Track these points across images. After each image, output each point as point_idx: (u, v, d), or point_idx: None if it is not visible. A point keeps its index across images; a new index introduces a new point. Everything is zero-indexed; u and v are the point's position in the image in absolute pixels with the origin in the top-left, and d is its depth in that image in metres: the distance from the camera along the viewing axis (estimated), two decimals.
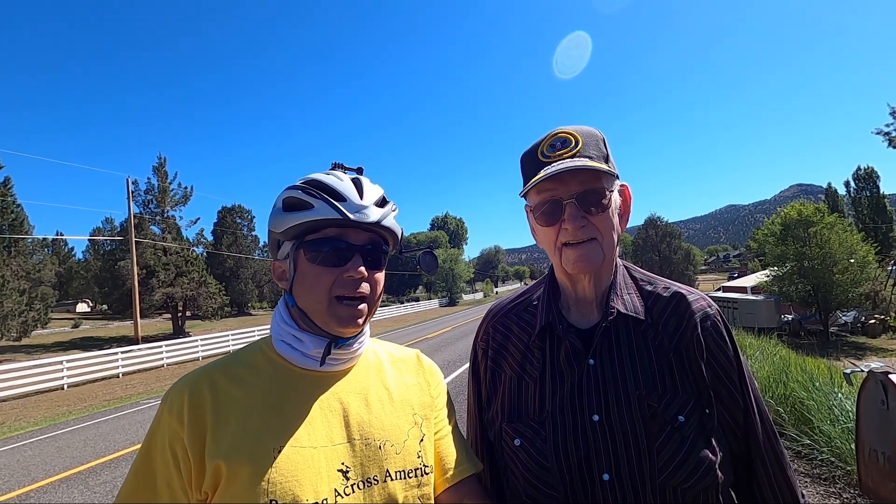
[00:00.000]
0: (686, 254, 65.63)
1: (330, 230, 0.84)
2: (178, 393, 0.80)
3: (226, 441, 0.76)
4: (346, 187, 0.85)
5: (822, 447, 3.97)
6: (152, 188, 32.30)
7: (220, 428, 0.77)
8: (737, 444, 0.92)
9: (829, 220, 24.21)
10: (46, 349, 27.58)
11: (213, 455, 0.75)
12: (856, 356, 17.96)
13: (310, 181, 0.86)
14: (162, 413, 0.80)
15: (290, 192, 0.86)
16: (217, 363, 0.87)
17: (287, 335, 0.87)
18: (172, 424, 0.78)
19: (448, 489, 0.93)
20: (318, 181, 0.86)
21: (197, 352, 20.30)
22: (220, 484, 0.74)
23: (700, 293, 0.99)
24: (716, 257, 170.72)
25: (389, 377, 0.97)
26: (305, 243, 0.84)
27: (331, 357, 0.87)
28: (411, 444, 0.90)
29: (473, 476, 0.96)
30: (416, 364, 1.04)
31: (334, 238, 0.84)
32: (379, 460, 0.84)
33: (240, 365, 0.87)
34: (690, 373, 0.90)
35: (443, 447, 0.96)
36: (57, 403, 12.62)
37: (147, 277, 29.61)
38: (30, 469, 6.71)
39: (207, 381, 0.82)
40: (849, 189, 56.69)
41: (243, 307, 53.91)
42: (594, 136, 0.95)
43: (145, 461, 0.79)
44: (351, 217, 0.81)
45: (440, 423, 0.98)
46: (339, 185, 0.85)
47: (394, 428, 0.89)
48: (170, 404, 0.80)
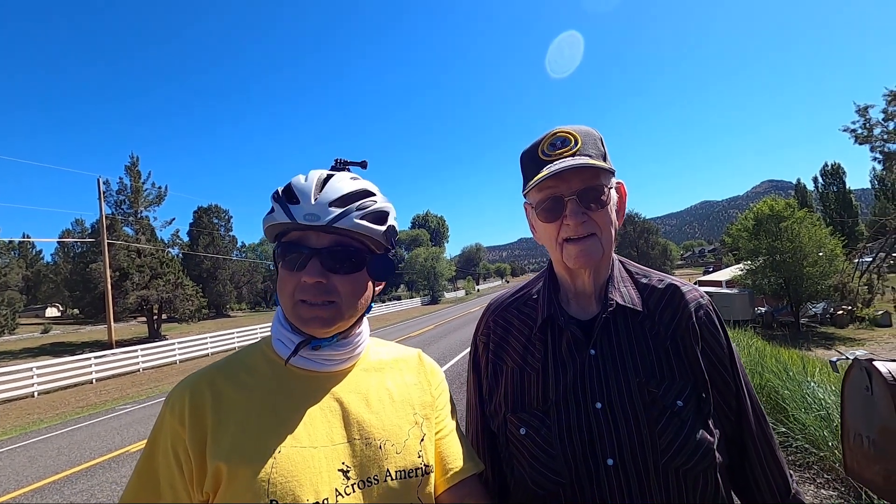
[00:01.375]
0: (663, 249, 67.17)
1: (293, 234, 0.84)
2: (180, 394, 0.80)
3: (226, 442, 0.76)
4: (304, 188, 0.82)
5: (796, 434, 4.11)
6: (125, 188, 31.44)
7: (220, 429, 0.77)
8: (730, 427, 0.97)
9: (799, 214, 24.99)
10: (14, 356, 26.62)
11: (213, 456, 0.75)
12: (825, 346, 18.62)
13: (288, 183, 0.87)
14: (164, 415, 0.80)
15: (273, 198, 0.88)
16: (218, 364, 0.87)
17: (281, 334, 0.88)
18: (174, 426, 0.78)
19: (449, 489, 0.92)
20: (290, 183, 0.85)
21: (174, 355, 19.90)
22: (221, 484, 0.74)
23: (692, 285, 1.03)
24: (692, 252, 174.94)
25: (390, 377, 0.96)
26: (278, 246, 0.86)
27: (322, 358, 0.87)
28: (412, 444, 0.89)
29: (474, 476, 0.96)
30: (417, 363, 1.03)
31: (293, 242, 0.83)
32: (379, 460, 0.84)
33: (240, 365, 0.87)
34: (686, 360, 0.93)
35: (444, 447, 0.96)
36: (27, 412, 12.22)
37: (120, 280, 28.85)
38: (0, 481, 6.47)
39: (208, 382, 0.82)
40: (817, 185, 58.79)
41: (221, 309, 53.01)
42: (592, 135, 0.99)
43: (148, 463, 0.79)
44: (298, 220, 0.79)
45: (441, 423, 0.98)
46: (300, 185, 0.83)
47: (394, 427, 0.89)
48: (171, 406, 0.80)
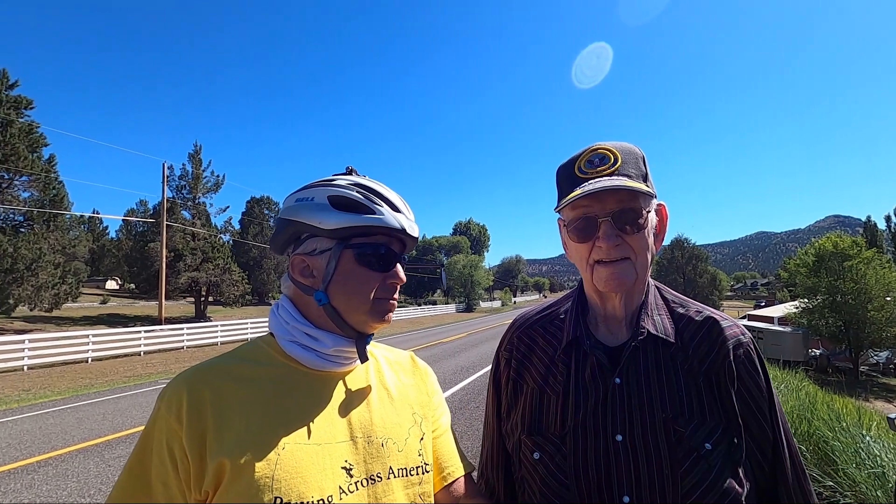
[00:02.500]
0: (712, 278, 64.06)
1: (380, 237, 0.87)
2: (176, 392, 0.78)
3: (229, 439, 0.75)
4: (397, 199, 0.90)
5: (845, 491, 3.80)
6: (186, 174, 33.30)
7: (222, 426, 0.76)
8: (763, 478, 0.89)
9: (867, 254, 23.36)
10: (75, 322, 28.62)
11: (215, 453, 0.74)
12: (886, 398, 17.17)
13: (361, 185, 0.87)
14: (159, 411, 0.78)
15: (342, 192, 0.85)
16: (213, 362, 0.85)
17: (300, 335, 0.86)
18: (170, 423, 0.76)
19: (444, 488, 0.96)
20: (372, 188, 0.87)
21: (216, 336, 20.73)
22: (222, 482, 0.73)
23: (734, 320, 0.97)
24: (743, 284, 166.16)
25: (388, 377, 0.98)
26: (354, 245, 0.85)
27: (345, 356, 0.88)
28: (413, 443, 0.91)
29: (468, 475, 1.01)
30: (411, 365, 1.06)
31: (384, 245, 0.87)
32: (382, 458, 0.85)
33: (240, 363, 0.85)
34: (719, 400, 0.87)
35: (439, 446, 0.99)
36: (81, 375, 13.05)
37: (175, 260, 30.49)
38: (50, 437, 6.94)
39: (206, 379, 0.80)
40: (889, 224, 54.43)
41: (264, 297, 54.93)
42: (633, 153, 0.94)
43: (140, 460, 0.78)
44: (406, 230, 0.87)
45: (437, 423, 1.01)
46: (392, 196, 0.89)
47: (395, 426, 0.90)
48: (167, 403, 0.78)
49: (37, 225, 24.37)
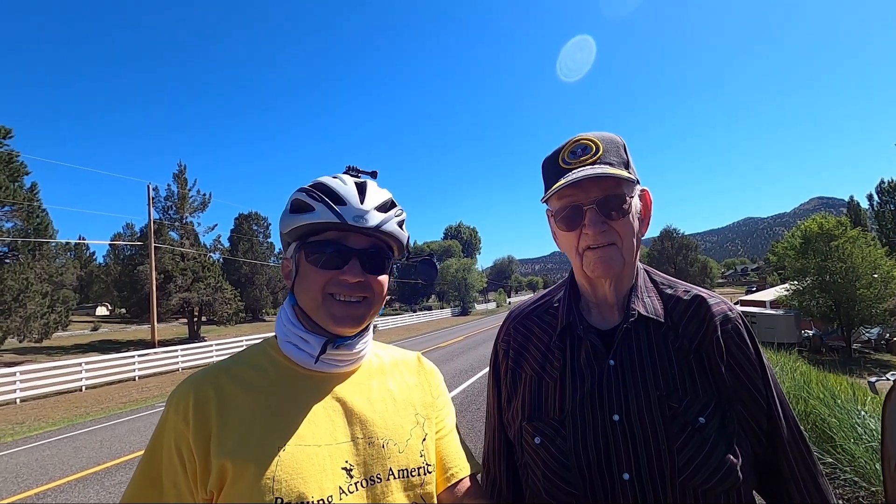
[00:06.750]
0: (702, 266, 64.80)
1: (330, 233, 0.87)
2: (183, 393, 0.81)
3: (231, 440, 0.77)
4: (347, 191, 0.87)
5: (844, 466, 3.86)
6: (172, 195, 32.97)
7: (225, 427, 0.78)
8: (761, 448, 0.91)
9: (852, 233, 23.71)
10: (66, 351, 28.18)
11: (218, 454, 0.75)
12: (879, 373, 17.42)
13: (316, 184, 0.89)
14: (167, 413, 0.81)
15: (297, 195, 0.89)
16: (220, 364, 0.88)
17: (294, 336, 0.88)
18: (178, 424, 0.78)
19: (447, 488, 0.95)
20: (323, 184, 0.88)
21: (211, 356, 20.52)
22: (226, 483, 0.75)
23: (720, 297, 0.99)
24: (733, 270, 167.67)
25: (391, 378, 0.99)
26: (307, 244, 0.87)
27: (334, 358, 0.88)
28: (414, 444, 0.91)
29: (473, 475, 0.99)
30: (417, 365, 1.07)
31: (333, 241, 0.86)
32: (382, 459, 0.86)
33: (244, 366, 0.88)
34: (711, 375, 0.90)
35: (443, 447, 0.99)
36: (75, 404, 12.85)
37: (165, 282, 30.15)
38: (47, 468, 6.82)
39: (212, 381, 0.83)
40: (872, 202, 55.34)
41: (258, 313, 54.46)
42: (615, 142, 0.97)
43: (151, 461, 0.80)
44: (349, 222, 0.84)
45: (441, 423, 1.01)
46: (342, 188, 0.87)
47: (397, 427, 0.91)
48: (175, 405, 0.80)
49: (22, 255, 23.98)
